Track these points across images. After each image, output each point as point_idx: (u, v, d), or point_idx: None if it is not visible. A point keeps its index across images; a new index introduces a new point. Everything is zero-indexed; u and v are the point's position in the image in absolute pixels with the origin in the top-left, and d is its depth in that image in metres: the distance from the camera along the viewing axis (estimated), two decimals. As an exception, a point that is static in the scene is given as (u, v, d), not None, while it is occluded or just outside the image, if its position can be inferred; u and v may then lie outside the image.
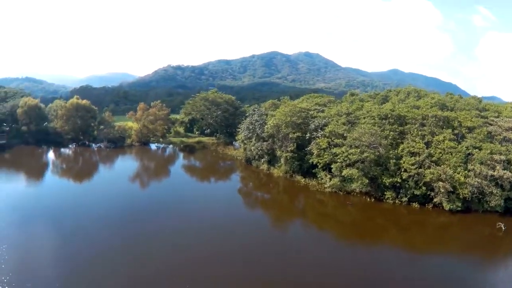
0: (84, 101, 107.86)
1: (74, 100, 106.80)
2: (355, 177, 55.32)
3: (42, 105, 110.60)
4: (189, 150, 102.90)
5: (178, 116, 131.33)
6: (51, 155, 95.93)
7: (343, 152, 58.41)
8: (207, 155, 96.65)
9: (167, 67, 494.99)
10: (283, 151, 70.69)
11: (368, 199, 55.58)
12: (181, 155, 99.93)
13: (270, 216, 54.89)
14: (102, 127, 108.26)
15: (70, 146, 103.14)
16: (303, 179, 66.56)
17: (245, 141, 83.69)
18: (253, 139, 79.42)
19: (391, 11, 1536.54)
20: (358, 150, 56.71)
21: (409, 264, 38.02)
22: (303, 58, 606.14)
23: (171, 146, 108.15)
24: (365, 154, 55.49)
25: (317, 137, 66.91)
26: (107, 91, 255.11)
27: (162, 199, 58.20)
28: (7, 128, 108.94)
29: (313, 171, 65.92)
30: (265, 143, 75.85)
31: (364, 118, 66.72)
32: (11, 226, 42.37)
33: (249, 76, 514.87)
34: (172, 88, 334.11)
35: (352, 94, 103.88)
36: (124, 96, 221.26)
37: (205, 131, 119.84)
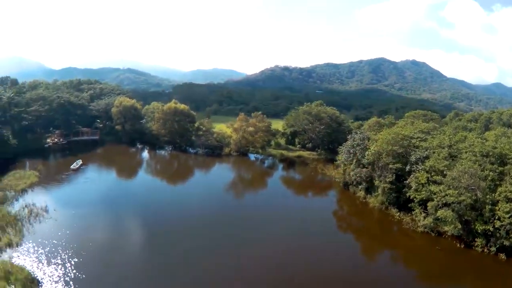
0: (183, 106, 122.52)
1: (172, 104, 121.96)
2: (449, 220, 61.98)
3: (139, 105, 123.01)
4: (288, 164, 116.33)
5: (280, 125, 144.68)
6: (146, 155, 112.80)
7: (441, 192, 65.24)
8: (305, 172, 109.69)
9: (274, 68, 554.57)
10: (381, 181, 79.13)
11: (458, 244, 62.31)
12: (279, 168, 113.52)
13: (360, 244, 67.45)
14: (200, 133, 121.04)
15: (167, 148, 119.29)
16: (398, 213, 74.92)
17: (345, 162, 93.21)
18: (353, 164, 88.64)
19: (494, 23, 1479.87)
20: (456, 192, 62.92)
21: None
22: (410, 66, 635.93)
23: (270, 158, 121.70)
24: (462, 197, 61.66)
25: (417, 170, 73.92)
26: (211, 89, 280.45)
27: (257, 208, 77.28)
28: (101, 125, 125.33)
29: (409, 205, 73.21)
30: (364, 169, 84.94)
31: (466, 152, 72.26)
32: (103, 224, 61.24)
33: (356, 81, 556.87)
34: (278, 89, 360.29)
35: (457, 114, 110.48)
36: (228, 96, 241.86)
37: (307, 145, 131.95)
